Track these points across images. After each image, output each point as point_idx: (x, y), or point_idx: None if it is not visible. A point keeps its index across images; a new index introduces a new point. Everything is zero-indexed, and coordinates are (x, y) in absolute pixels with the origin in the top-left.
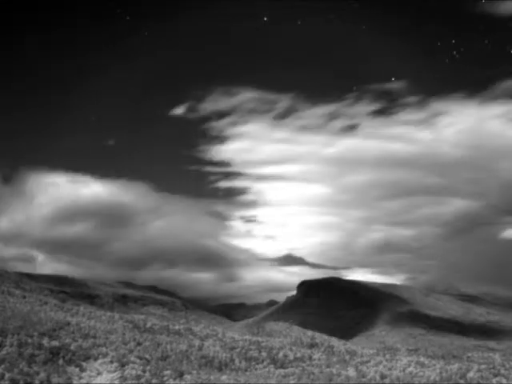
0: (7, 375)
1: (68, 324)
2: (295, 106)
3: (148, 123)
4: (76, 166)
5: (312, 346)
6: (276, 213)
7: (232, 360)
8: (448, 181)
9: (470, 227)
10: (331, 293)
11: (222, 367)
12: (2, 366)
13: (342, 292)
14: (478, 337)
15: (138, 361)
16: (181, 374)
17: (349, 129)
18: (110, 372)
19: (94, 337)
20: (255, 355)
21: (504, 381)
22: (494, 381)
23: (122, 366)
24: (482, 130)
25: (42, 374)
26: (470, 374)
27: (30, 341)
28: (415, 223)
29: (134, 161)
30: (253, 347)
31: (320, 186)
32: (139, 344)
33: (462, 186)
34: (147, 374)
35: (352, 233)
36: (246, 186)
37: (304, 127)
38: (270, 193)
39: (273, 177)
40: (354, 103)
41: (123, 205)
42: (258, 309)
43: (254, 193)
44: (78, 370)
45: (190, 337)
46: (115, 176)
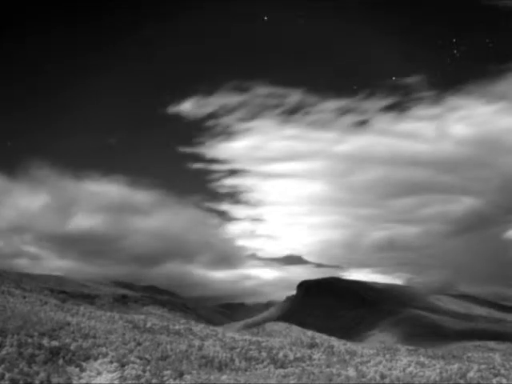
0: (7, 375)
1: (68, 324)
2: (305, 101)
3: (150, 121)
4: (78, 164)
5: (312, 346)
6: (281, 211)
7: (232, 360)
8: (457, 179)
9: (474, 226)
10: (331, 293)
11: (222, 367)
12: (2, 365)
13: (342, 292)
14: (478, 337)
15: (137, 361)
16: (181, 374)
17: (360, 124)
18: (109, 372)
19: (94, 337)
20: (255, 355)
21: (504, 381)
22: (494, 381)
23: (122, 366)
24: (494, 128)
25: (42, 374)
26: (470, 374)
27: (30, 341)
28: (419, 222)
29: (136, 159)
30: (253, 347)
31: (327, 184)
32: (139, 344)
33: (472, 184)
34: (147, 374)
35: (356, 232)
36: (250, 183)
37: (314, 123)
38: (274, 191)
39: (279, 175)
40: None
41: (129, 203)
42: (257, 309)
43: (259, 191)
44: (77, 370)
45: (190, 337)
46: (120, 174)
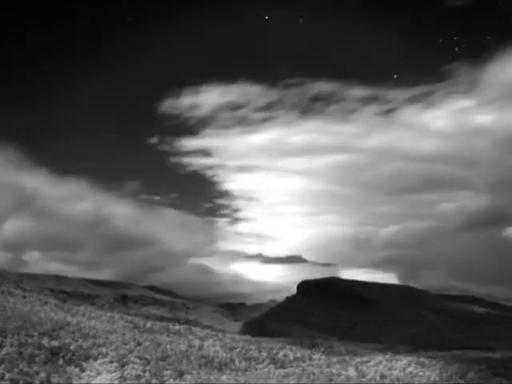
0: (7, 375)
1: (68, 324)
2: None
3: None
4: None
5: (312, 346)
6: (282, 211)
7: (232, 360)
8: (472, 175)
9: (478, 225)
10: (331, 293)
11: (222, 367)
12: (2, 365)
13: (342, 292)
14: (479, 337)
15: (137, 361)
16: (181, 374)
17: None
18: (109, 372)
19: (94, 337)
20: (255, 355)
21: (504, 381)
22: (494, 381)
23: (122, 366)
24: None
25: (42, 374)
26: (470, 374)
27: (30, 341)
28: (422, 221)
29: (126, 160)
30: (253, 347)
31: (332, 181)
32: (139, 344)
33: (486, 180)
34: (147, 374)
35: (358, 232)
36: (248, 180)
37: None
38: (273, 189)
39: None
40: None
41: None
42: (257, 309)
43: (257, 189)
44: (77, 370)
45: (190, 337)
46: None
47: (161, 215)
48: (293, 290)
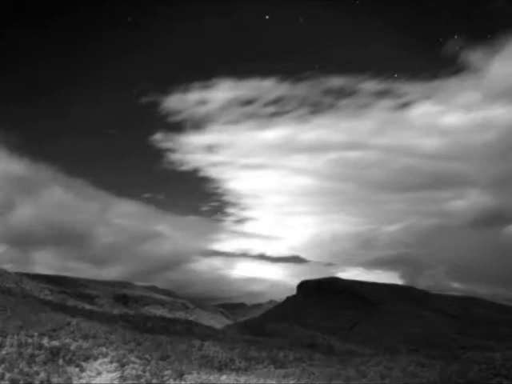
0: (7, 375)
1: (68, 324)
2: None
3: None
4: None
5: (312, 346)
6: (283, 210)
7: (232, 360)
8: (479, 172)
9: (482, 224)
10: (331, 293)
11: (221, 367)
12: (2, 365)
13: (342, 292)
14: (479, 337)
15: (137, 361)
16: (181, 374)
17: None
18: (109, 372)
19: (94, 337)
20: (255, 355)
21: (504, 381)
22: (494, 381)
23: (122, 366)
24: None
25: (42, 374)
26: (470, 374)
27: (30, 341)
28: (426, 219)
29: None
30: (253, 347)
31: (339, 179)
32: (139, 344)
33: (492, 177)
34: (147, 374)
35: (361, 230)
36: (254, 179)
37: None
38: (279, 188)
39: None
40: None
41: None
42: (257, 309)
43: (262, 188)
44: (77, 370)
45: (190, 337)
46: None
47: (163, 214)
48: (293, 290)
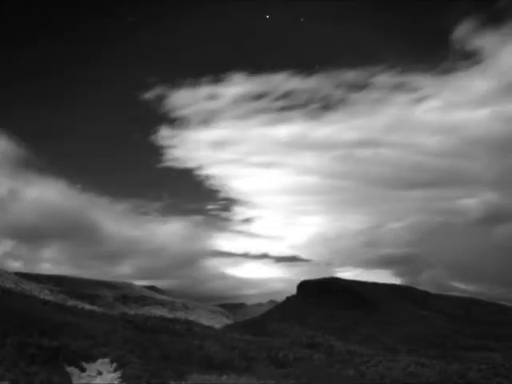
0: (7, 375)
1: (68, 324)
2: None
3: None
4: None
5: (312, 346)
6: (285, 209)
7: (232, 360)
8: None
9: (484, 223)
10: (331, 293)
11: (221, 367)
12: (2, 366)
13: (342, 292)
14: (478, 337)
15: (137, 361)
16: (181, 374)
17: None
18: (109, 372)
19: (94, 337)
20: (255, 355)
21: (504, 381)
22: (494, 381)
23: (122, 366)
24: None
25: (42, 374)
26: (470, 374)
27: (30, 341)
28: (428, 218)
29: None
30: (253, 347)
31: (344, 178)
32: (139, 344)
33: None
34: (147, 374)
35: (363, 230)
36: (259, 177)
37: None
38: (282, 187)
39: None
40: None
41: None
42: (258, 309)
43: (263, 187)
44: (77, 370)
45: (190, 337)
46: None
47: (165, 217)
48: (293, 290)
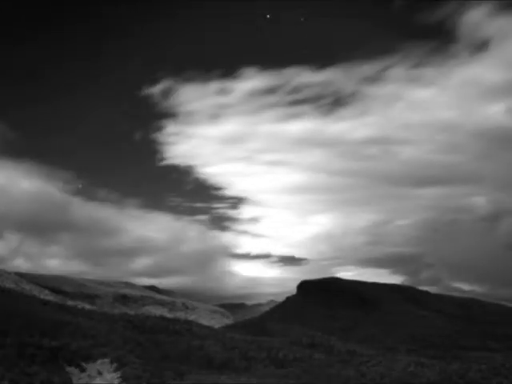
0: (7, 375)
1: (68, 324)
2: None
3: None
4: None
5: (312, 346)
6: (286, 209)
7: (232, 360)
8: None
9: (484, 222)
10: (331, 293)
11: (221, 367)
12: (2, 366)
13: (342, 292)
14: (478, 337)
15: (137, 361)
16: (181, 374)
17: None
18: (109, 372)
19: (94, 337)
20: (255, 355)
21: (504, 381)
22: (494, 381)
23: (122, 366)
24: None
25: (42, 374)
26: (470, 374)
27: (30, 341)
28: (432, 215)
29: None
30: (253, 347)
31: (348, 176)
32: (139, 344)
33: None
34: (147, 374)
35: (364, 230)
36: (262, 177)
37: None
38: (273, 186)
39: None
40: None
41: None
42: (258, 309)
43: (254, 186)
44: (77, 370)
45: (190, 337)
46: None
47: (166, 217)
48: (293, 290)
